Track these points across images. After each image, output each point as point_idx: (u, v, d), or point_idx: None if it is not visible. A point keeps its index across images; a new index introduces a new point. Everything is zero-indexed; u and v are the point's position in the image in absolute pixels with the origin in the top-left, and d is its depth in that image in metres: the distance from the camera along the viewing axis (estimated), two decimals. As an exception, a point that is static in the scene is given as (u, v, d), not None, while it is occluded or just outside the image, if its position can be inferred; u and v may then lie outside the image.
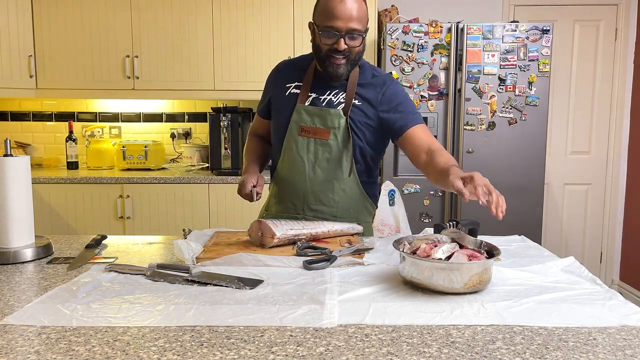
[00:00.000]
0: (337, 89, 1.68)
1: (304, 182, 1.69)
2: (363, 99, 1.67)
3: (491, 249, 1.19)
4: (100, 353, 0.82)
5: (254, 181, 1.66)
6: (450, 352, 0.83)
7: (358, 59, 1.63)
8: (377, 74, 1.72)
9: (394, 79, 1.73)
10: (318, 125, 1.66)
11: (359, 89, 1.67)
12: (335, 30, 1.55)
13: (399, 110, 1.66)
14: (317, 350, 0.83)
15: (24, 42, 3.36)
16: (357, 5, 1.54)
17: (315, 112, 1.66)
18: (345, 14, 1.53)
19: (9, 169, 1.36)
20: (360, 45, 1.59)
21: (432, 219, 3.22)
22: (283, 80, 1.74)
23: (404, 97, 1.70)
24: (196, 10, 3.39)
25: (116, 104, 3.80)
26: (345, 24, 1.54)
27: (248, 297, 1.07)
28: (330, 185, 1.69)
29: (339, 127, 1.65)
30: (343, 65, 1.60)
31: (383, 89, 1.68)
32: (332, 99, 1.67)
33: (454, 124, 3.18)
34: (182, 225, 3.19)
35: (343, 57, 1.58)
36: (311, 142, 1.68)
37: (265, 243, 1.45)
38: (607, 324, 0.95)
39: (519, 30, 3.12)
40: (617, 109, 3.90)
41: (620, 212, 3.99)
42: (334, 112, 1.65)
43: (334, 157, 1.68)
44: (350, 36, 1.56)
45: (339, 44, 1.56)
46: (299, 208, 1.71)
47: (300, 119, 1.67)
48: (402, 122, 1.65)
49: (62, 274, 1.26)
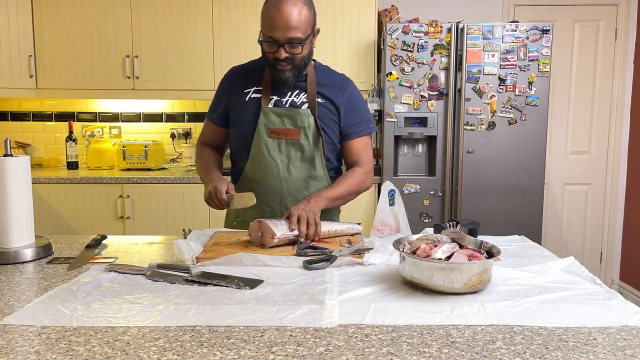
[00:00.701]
0: (297, 89, 1.71)
1: (279, 184, 1.71)
2: (325, 98, 1.72)
3: (491, 249, 1.19)
4: (100, 353, 0.82)
5: (226, 187, 1.61)
6: (450, 352, 0.83)
7: (304, 64, 1.65)
8: (334, 74, 1.79)
9: (351, 81, 1.80)
10: (288, 126, 1.69)
11: (319, 87, 1.71)
12: (275, 40, 1.56)
13: (353, 115, 1.74)
14: (317, 350, 0.83)
15: (24, 42, 3.36)
16: (297, 12, 1.54)
17: (284, 113, 1.68)
18: (283, 24, 1.54)
19: (9, 169, 1.36)
20: (302, 52, 1.60)
21: (432, 219, 3.22)
22: (239, 87, 1.75)
23: (359, 102, 1.78)
24: (196, 10, 3.39)
25: (116, 104, 3.80)
26: (283, 34, 1.55)
27: (248, 297, 1.07)
28: (306, 184, 1.73)
29: (309, 126, 1.68)
30: (288, 71, 1.62)
31: (343, 90, 1.74)
32: (295, 99, 1.70)
33: (454, 124, 3.18)
34: (182, 225, 3.19)
35: (287, 64, 1.60)
36: (282, 143, 1.70)
37: (265, 243, 1.45)
38: (607, 324, 0.95)
39: (519, 30, 3.12)
40: (617, 109, 3.90)
41: (620, 212, 3.99)
42: (303, 112, 1.68)
43: (306, 156, 1.71)
44: (290, 45, 1.57)
45: (280, 53, 1.58)
46: (275, 209, 1.72)
47: (268, 121, 1.69)
48: (349, 130, 1.75)
49: (62, 274, 1.26)
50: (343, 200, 1.74)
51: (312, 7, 1.61)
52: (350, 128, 1.75)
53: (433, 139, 3.23)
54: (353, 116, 1.75)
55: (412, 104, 3.17)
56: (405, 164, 3.34)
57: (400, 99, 3.17)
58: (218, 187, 1.60)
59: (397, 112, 3.18)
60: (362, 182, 1.76)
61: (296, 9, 1.54)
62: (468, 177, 3.20)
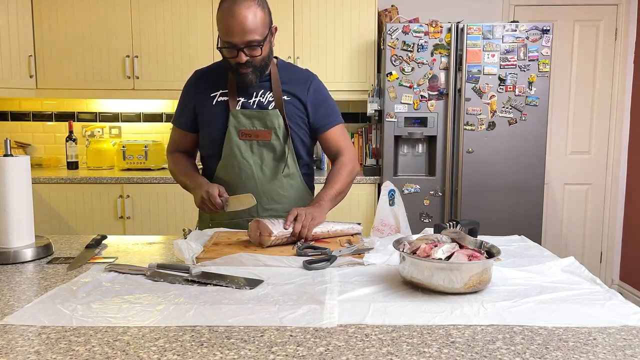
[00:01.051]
0: (262, 89, 1.71)
1: (254, 184, 1.72)
2: (291, 95, 1.73)
3: (491, 249, 1.19)
4: (100, 353, 0.82)
5: (217, 191, 1.60)
6: (450, 352, 0.83)
7: (264, 64, 1.66)
8: (297, 70, 1.80)
9: (315, 75, 1.80)
10: (259, 127, 1.70)
11: (284, 85, 1.72)
12: (233, 45, 1.57)
13: (321, 108, 1.76)
14: (317, 350, 0.83)
15: (24, 42, 3.36)
16: (251, 15, 1.54)
17: (254, 115, 1.69)
18: (238, 28, 1.54)
19: (9, 169, 1.36)
20: (261, 54, 1.60)
21: (432, 219, 3.22)
22: (205, 91, 1.75)
23: (325, 94, 1.79)
24: (196, 10, 3.39)
25: (116, 104, 3.80)
26: (240, 38, 1.55)
27: (248, 297, 1.07)
28: (280, 183, 1.74)
29: (279, 126, 1.70)
30: (250, 74, 1.63)
31: (307, 84, 1.75)
32: (261, 99, 1.71)
33: (454, 124, 3.18)
34: (182, 225, 3.19)
35: (248, 67, 1.61)
36: (254, 144, 1.71)
37: (263, 242, 1.46)
38: (607, 324, 0.95)
39: (519, 30, 3.12)
40: (617, 109, 3.90)
41: (620, 212, 3.99)
42: (273, 113, 1.69)
43: (278, 155, 1.72)
44: (249, 47, 1.57)
45: (240, 57, 1.58)
46: (252, 210, 1.70)
47: (238, 124, 1.69)
48: (322, 122, 1.76)
49: (62, 274, 1.26)
50: (344, 194, 1.76)
51: (266, 7, 1.61)
52: (320, 121, 1.76)
53: (433, 139, 3.23)
54: (321, 109, 1.76)
55: (412, 104, 3.17)
56: (405, 164, 3.34)
57: (400, 99, 3.17)
58: (211, 192, 1.59)
59: (397, 112, 3.18)
60: (352, 169, 1.78)
61: (250, 12, 1.54)
62: (468, 177, 3.20)
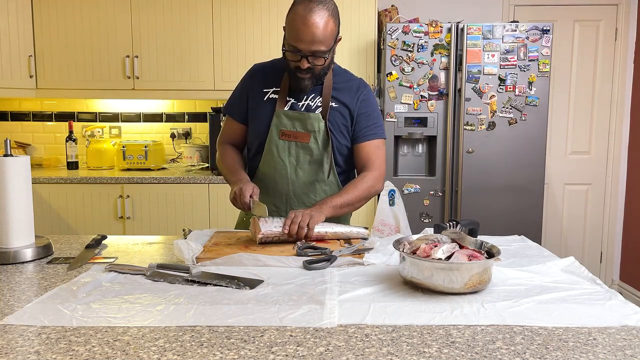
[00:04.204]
0: (313, 92, 1.71)
1: (287, 185, 1.73)
2: (339, 102, 1.72)
3: (491, 249, 1.19)
4: (100, 353, 0.82)
5: (251, 190, 1.60)
6: (450, 352, 0.83)
7: (323, 73, 1.66)
8: (351, 78, 1.78)
9: (367, 85, 1.79)
10: (299, 129, 1.70)
11: (334, 92, 1.72)
12: (299, 51, 1.57)
13: (365, 118, 1.74)
14: (317, 350, 0.83)
15: (24, 42, 3.36)
16: (322, 26, 1.54)
17: (296, 117, 1.70)
18: (309, 37, 1.54)
19: (9, 169, 1.36)
20: (324, 63, 1.61)
21: (432, 219, 3.22)
22: (260, 85, 1.76)
23: (373, 106, 1.77)
24: (196, 10, 3.39)
25: (116, 104, 3.80)
26: (308, 47, 1.56)
27: (248, 297, 1.07)
28: (313, 187, 1.74)
29: (319, 130, 1.69)
30: (307, 80, 1.63)
31: (358, 94, 1.74)
32: (310, 103, 1.71)
33: (454, 124, 3.18)
34: (182, 225, 3.19)
35: (307, 73, 1.61)
36: (292, 145, 1.71)
37: (255, 239, 1.49)
38: (607, 324, 0.95)
39: (519, 30, 3.12)
40: (617, 109, 3.90)
41: (620, 212, 3.99)
42: (314, 116, 1.69)
43: (315, 159, 1.72)
44: (314, 57, 1.58)
45: (302, 63, 1.58)
46: (281, 210, 1.74)
47: (280, 123, 1.70)
48: (362, 132, 1.74)
49: (62, 274, 1.26)
50: (352, 207, 1.69)
51: (337, 18, 1.60)
52: (360, 131, 1.74)
53: (433, 139, 3.23)
54: (365, 120, 1.73)
55: (412, 104, 3.17)
56: (405, 164, 3.34)
57: (400, 99, 3.17)
58: (243, 190, 1.59)
59: (397, 112, 3.18)
60: (371, 186, 1.71)
61: (323, 22, 1.53)
62: (468, 177, 3.20)
